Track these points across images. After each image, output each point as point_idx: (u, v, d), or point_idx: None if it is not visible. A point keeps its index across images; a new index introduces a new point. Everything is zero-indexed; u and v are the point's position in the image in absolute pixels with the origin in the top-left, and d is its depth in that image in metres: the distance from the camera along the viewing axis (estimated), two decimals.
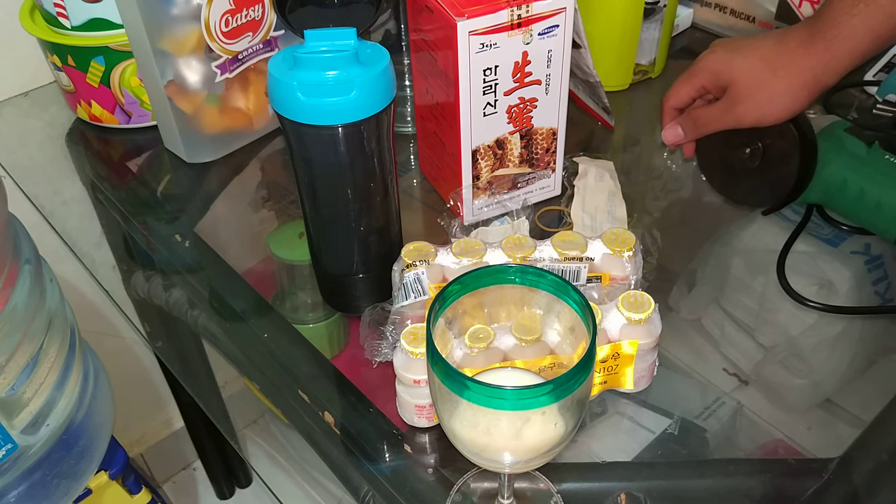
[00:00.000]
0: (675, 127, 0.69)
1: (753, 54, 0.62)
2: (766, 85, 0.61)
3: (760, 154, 0.66)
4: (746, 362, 0.59)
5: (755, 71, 0.61)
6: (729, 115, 0.63)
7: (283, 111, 0.51)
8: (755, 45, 0.62)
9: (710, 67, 0.64)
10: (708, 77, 0.65)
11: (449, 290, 0.41)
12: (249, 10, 0.73)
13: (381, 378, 0.56)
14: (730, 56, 0.63)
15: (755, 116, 0.62)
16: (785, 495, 0.51)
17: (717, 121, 0.65)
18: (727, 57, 0.63)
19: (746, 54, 0.62)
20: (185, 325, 0.68)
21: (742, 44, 0.63)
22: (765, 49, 0.61)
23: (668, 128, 0.70)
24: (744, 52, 0.62)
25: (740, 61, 0.62)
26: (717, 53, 0.64)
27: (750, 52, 0.62)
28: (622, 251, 0.56)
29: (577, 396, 0.38)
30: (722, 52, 0.64)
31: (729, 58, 0.63)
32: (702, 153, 0.72)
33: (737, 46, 0.63)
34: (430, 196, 0.73)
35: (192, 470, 1.41)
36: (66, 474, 0.60)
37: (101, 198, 0.78)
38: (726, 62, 0.63)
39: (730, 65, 0.63)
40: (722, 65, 0.63)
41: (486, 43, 0.58)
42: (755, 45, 0.62)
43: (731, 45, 0.64)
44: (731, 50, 0.63)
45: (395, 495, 0.51)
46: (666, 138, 0.70)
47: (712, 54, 0.64)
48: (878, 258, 0.65)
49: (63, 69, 0.79)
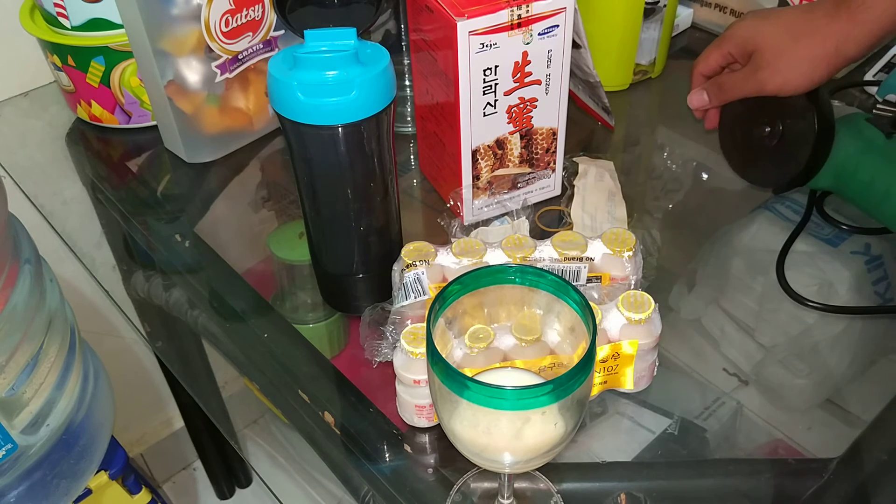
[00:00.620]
0: (700, 92, 0.70)
1: (779, 22, 0.63)
2: (788, 52, 0.62)
3: (779, 134, 0.66)
4: (746, 362, 0.59)
5: (779, 38, 0.62)
6: (752, 81, 0.64)
7: (283, 111, 0.51)
8: (783, 13, 0.63)
9: (738, 34, 0.65)
10: (736, 44, 0.65)
11: (449, 290, 0.41)
12: (249, 10, 0.73)
13: (381, 378, 0.56)
14: (757, 23, 0.64)
15: (777, 83, 0.63)
16: (785, 495, 0.51)
17: (741, 87, 0.66)
18: (755, 24, 0.64)
19: (774, 22, 0.63)
20: (185, 325, 0.68)
21: (771, 13, 0.65)
22: (791, 17, 0.62)
23: (694, 92, 0.70)
24: (771, 21, 0.63)
25: (767, 29, 0.63)
26: (747, 21, 0.65)
27: (777, 20, 0.63)
28: (622, 251, 0.56)
29: (577, 396, 0.38)
30: (751, 20, 0.65)
31: (756, 25, 0.64)
32: (723, 130, 0.72)
33: (766, 14, 0.65)
34: (430, 196, 0.73)
35: (192, 470, 1.41)
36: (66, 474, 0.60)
37: (101, 198, 0.78)
38: (753, 29, 0.64)
39: (756, 32, 0.64)
40: (749, 31, 0.64)
41: (486, 43, 0.58)
42: (783, 14, 0.63)
43: (761, 14, 0.65)
44: (761, 18, 0.64)
45: (395, 495, 0.51)
46: (691, 102, 0.71)
47: (742, 22, 0.65)
48: (878, 258, 0.65)
49: (63, 69, 0.79)
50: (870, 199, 0.64)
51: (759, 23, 0.64)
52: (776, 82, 0.63)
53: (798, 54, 0.61)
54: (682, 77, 0.89)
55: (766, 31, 0.63)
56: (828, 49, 0.61)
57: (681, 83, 0.88)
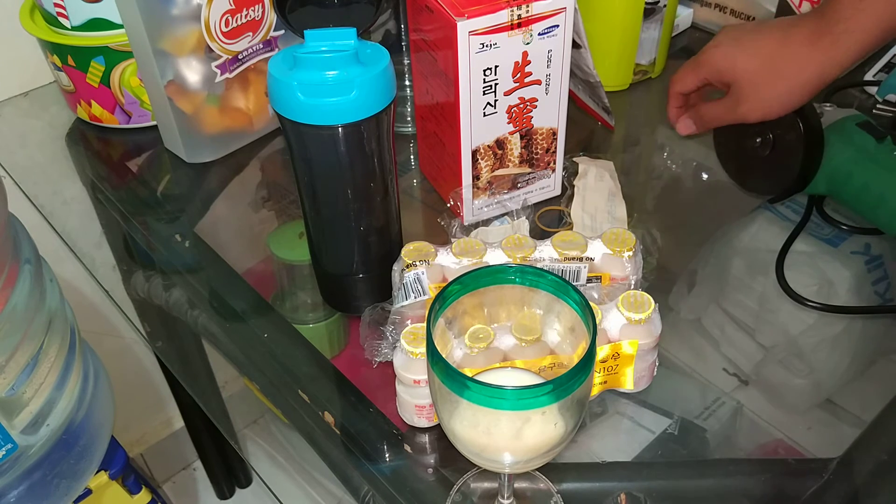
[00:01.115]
0: (686, 119, 0.70)
1: (757, 52, 0.61)
2: (769, 84, 0.61)
3: (770, 144, 0.66)
4: (746, 362, 0.59)
5: (759, 70, 0.61)
6: (734, 114, 0.64)
7: (283, 111, 0.51)
8: (759, 40, 0.62)
9: (714, 63, 0.64)
10: (712, 72, 0.65)
11: (449, 290, 0.41)
12: (249, 10, 0.73)
13: (381, 378, 0.56)
14: (734, 52, 0.63)
15: (759, 114, 0.63)
16: (785, 495, 0.51)
17: (723, 118, 0.66)
18: (731, 53, 0.63)
19: (750, 52, 0.62)
20: (185, 325, 0.68)
21: (747, 37, 0.63)
22: (769, 45, 0.61)
23: (681, 121, 0.70)
24: (748, 49, 0.62)
25: (744, 59, 0.62)
26: (722, 48, 0.64)
27: (754, 48, 0.61)
28: (622, 251, 0.56)
29: (577, 396, 0.38)
30: (726, 47, 0.63)
31: (733, 54, 0.62)
32: (718, 140, 0.73)
33: (741, 40, 0.63)
34: (430, 196, 0.73)
35: (192, 470, 1.41)
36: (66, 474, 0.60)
37: (101, 198, 0.78)
38: (730, 59, 0.63)
39: (733, 62, 0.62)
40: (726, 61, 0.63)
41: (486, 43, 0.58)
42: (759, 41, 0.62)
43: (737, 38, 0.63)
44: (736, 44, 0.63)
45: (395, 495, 0.51)
46: (679, 131, 0.71)
47: (717, 49, 0.64)
48: (878, 258, 0.65)
49: (63, 69, 0.79)
50: (865, 204, 0.64)
51: (736, 52, 0.62)
52: (758, 114, 0.62)
53: (778, 87, 0.61)
54: None
55: (744, 62, 0.62)
56: (809, 77, 0.59)
57: None
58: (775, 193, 0.69)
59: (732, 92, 0.63)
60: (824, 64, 0.59)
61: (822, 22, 0.58)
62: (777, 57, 0.60)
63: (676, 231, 0.70)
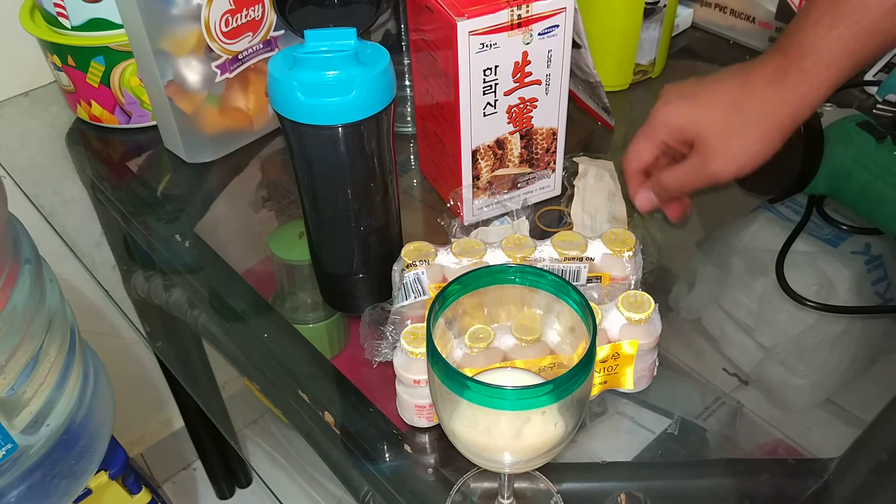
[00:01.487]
0: (646, 192, 0.61)
1: (717, 102, 0.55)
2: (738, 135, 0.54)
3: None
4: (746, 362, 0.59)
5: (722, 121, 0.54)
6: (702, 175, 0.56)
7: (283, 111, 0.51)
8: (717, 89, 0.55)
9: (670, 123, 0.57)
10: (669, 133, 0.57)
11: (449, 290, 0.41)
12: (249, 10, 0.73)
13: (381, 378, 0.56)
14: (690, 107, 0.56)
15: (732, 170, 0.55)
16: (785, 495, 0.51)
17: (691, 182, 0.57)
18: (687, 108, 0.56)
19: (710, 103, 0.55)
20: (185, 325, 0.68)
21: (700, 90, 0.56)
22: (729, 93, 0.54)
23: (640, 194, 0.61)
24: (706, 101, 0.55)
25: (705, 112, 0.55)
26: (674, 105, 0.56)
27: (713, 99, 0.55)
28: (622, 251, 0.56)
29: (577, 396, 0.38)
30: (680, 104, 0.56)
31: (690, 109, 0.56)
32: None
33: (695, 94, 0.56)
34: (430, 196, 0.73)
35: (192, 470, 1.41)
36: (66, 474, 0.60)
37: (101, 198, 0.78)
38: (688, 114, 0.56)
39: (693, 117, 0.55)
40: (683, 118, 0.56)
41: (486, 43, 0.58)
42: (717, 91, 0.55)
43: (689, 94, 0.56)
44: (690, 99, 0.56)
45: (395, 495, 0.51)
46: (640, 207, 0.62)
47: (668, 107, 0.57)
48: (878, 258, 0.65)
49: (63, 69, 0.79)
50: (865, 204, 0.64)
51: (692, 106, 0.55)
52: (731, 170, 0.55)
53: (750, 135, 0.54)
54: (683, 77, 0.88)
55: (706, 116, 0.55)
56: (780, 119, 0.53)
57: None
58: (775, 193, 0.69)
59: (698, 150, 0.55)
60: (794, 104, 0.53)
61: (786, 58, 0.53)
62: (742, 103, 0.54)
63: (676, 231, 0.70)
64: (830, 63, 0.51)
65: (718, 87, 0.55)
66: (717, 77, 0.56)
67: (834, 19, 0.51)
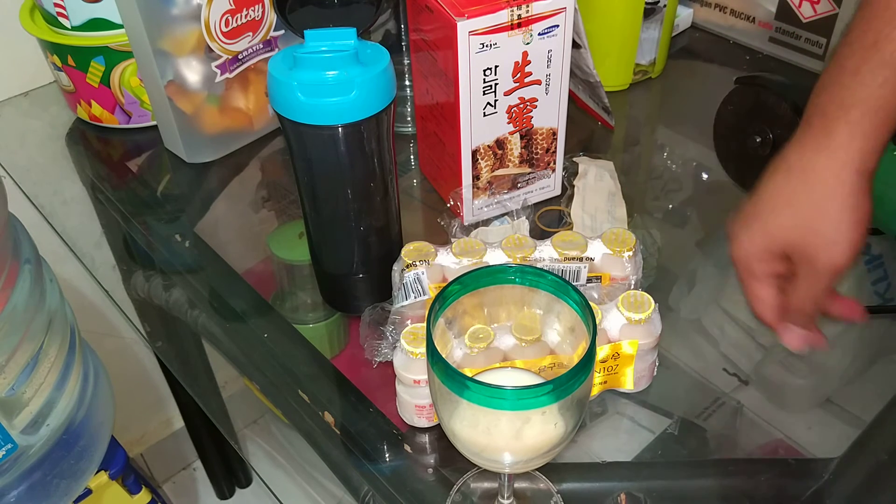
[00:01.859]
0: (790, 330, 0.53)
1: (779, 204, 0.49)
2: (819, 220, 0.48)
3: (770, 144, 0.66)
4: (746, 362, 0.59)
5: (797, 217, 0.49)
6: (820, 277, 0.49)
7: (283, 111, 0.51)
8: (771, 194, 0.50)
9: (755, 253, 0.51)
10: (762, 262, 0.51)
11: (449, 290, 0.41)
12: (249, 10, 0.73)
13: (381, 378, 0.56)
14: (762, 226, 0.50)
15: (840, 253, 0.48)
16: (785, 495, 0.51)
17: (816, 288, 0.50)
18: (760, 229, 0.50)
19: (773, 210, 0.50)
20: (185, 325, 0.68)
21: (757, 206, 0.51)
22: (784, 189, 0.49)
23: (786, 336, 0.54)
24: (769, 212, 0.50)
25: (775, 222, 0.50)
26: (747, 236, 0.51)
27: (773, 204, 0.50)
28: (622, 251, 0.56)
29: (577, 396, 0.38)
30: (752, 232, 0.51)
31: (763, 228, 0.50)
32: (718, 140, 0.72)
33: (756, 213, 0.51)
34: (430, 196, 0.73)
35: (192, 470, 1.41)
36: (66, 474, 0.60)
37: (101, 198, 0.78)
38: (763, 235, 0.50)
39: (770, 234, 0.50)
40: (764, 240, 0.50)
41: (486, 43, 0.58)
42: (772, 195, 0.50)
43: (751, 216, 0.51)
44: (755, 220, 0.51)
45: (395, 495, 0.51)
46: (797, 347, 0.54)
47: (744, 242, 0.51)
48: (878, 258, 0.65)
49: (63, 69, 0.79)
50: None
51: (764, 225, 0.50)
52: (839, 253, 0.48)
53: (829, 213, 0.48)
54: (683, 77, 0.89)
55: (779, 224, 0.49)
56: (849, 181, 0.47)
57: (681, 83, 0.88)
58: None
59: (798, 259, 0.49)
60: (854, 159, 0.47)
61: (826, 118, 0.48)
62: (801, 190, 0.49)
63: (676, 231, 0.70)
64: (880, 108, 0.47)
65: (771, 191, 0.50)
66: (762, 184, 0.51)
67: (875, 67, 0.46)
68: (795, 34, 0.86)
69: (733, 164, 0.72)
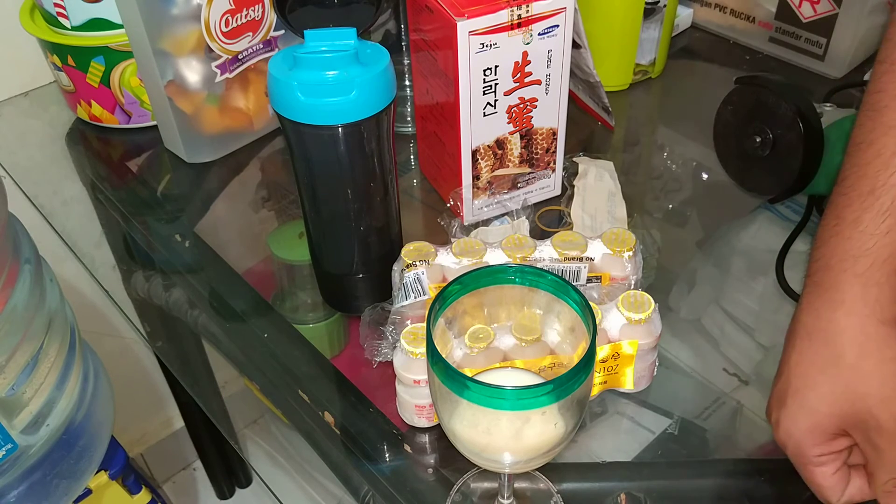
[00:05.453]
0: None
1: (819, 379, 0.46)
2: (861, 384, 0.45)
3: (770, 143, 0.66)
4: (746, 362, 0.59)
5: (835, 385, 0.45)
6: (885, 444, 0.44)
7: (283, 111, 0.51)
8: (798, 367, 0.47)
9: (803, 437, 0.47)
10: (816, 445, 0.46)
11: (449, 290, 0.41)
12: (249, 10, 0.73)
13: (381, 378, 0.56)
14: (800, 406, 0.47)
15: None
16: (785, 495, 0.51)
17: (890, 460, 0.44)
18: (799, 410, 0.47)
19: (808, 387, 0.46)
20: (185, 325, 0.68)
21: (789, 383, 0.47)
22: (811, 361, 0.47)
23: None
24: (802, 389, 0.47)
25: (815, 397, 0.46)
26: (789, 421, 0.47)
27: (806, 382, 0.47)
28: (622, 251, 0.56)
29: (577, 396, 0.38)
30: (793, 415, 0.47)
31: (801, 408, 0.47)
32: (719, 140, 0.72)
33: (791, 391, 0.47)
34: (430, 196, 0.73)
35: (192, 470, 1.41)
36: (66, 474, 0.60)
37: (101, 198, 0.78)
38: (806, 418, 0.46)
39: (811, 415, 0.46)
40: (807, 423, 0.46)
41: (486, 43, 0.58)
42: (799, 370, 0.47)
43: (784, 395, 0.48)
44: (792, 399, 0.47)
45: (395, 495, 0.51)
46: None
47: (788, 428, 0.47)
48: None
49: (63, 69, 0.79)
50: None
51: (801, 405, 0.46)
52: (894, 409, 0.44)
53: (866, 374, 0.44)
54: (682, 77, 0.89)
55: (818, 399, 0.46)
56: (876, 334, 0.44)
57: (681, 83, 0.88)
58: (775, 193, 0.69)
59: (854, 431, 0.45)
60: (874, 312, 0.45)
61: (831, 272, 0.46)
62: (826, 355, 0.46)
63: (676, 231, 0.70)
64: (889, 256, 0.44)
65: (797, 361, 0.47)
66: (784, 355, 0.49)
67: (877, 215, 0.45)
68: (795, 34, 0.86)
69: (733, 163, 0.72)
